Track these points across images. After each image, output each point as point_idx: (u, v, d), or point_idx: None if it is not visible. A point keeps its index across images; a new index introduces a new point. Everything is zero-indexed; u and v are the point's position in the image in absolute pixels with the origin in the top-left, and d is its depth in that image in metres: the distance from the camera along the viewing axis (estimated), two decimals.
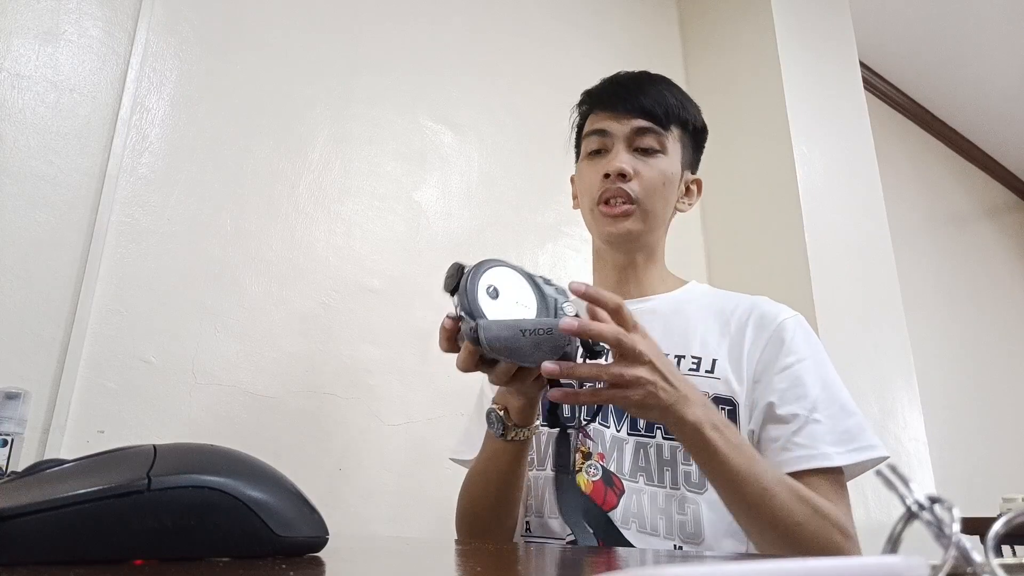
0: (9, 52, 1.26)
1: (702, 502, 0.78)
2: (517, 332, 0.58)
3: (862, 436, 0.79)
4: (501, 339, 0.57)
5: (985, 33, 3.09)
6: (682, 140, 0.95)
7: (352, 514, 1.41)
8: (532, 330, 0.59)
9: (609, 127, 0.91)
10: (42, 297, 1.20)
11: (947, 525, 0.17)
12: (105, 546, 0.31)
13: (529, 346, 0.58)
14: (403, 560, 0.42)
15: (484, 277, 0.60)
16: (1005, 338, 3.69)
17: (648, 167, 0.90)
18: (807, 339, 0.87)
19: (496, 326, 0.57)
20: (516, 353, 0.58)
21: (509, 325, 0.58)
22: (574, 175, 1.02)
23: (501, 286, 0.61)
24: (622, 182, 0.88)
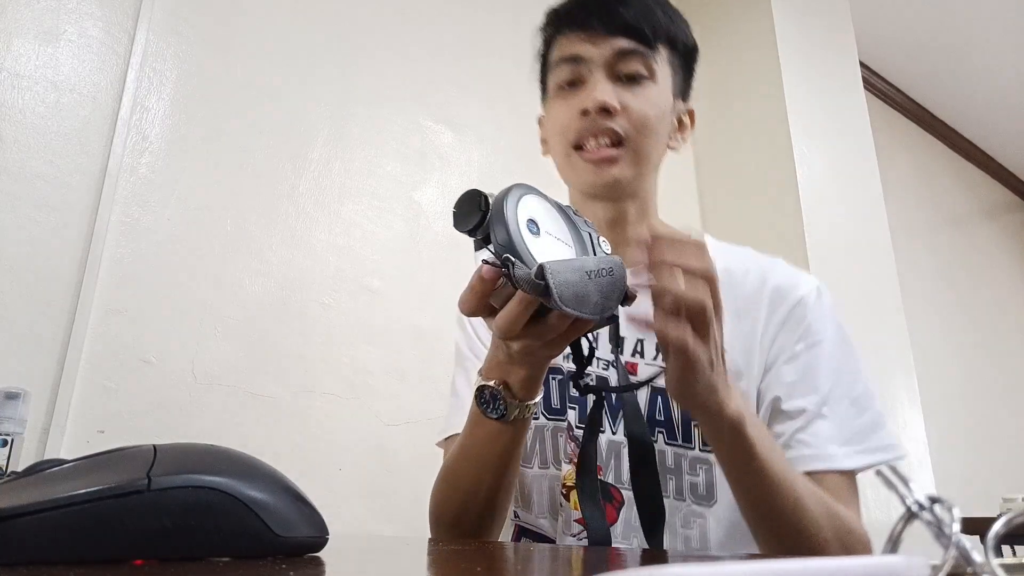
0: (9, 52, 1.26)
1: (709, 516, 0.69)
2: (584, 275, 0.46)
3: (875, 435, 0.69)
4: (572, 285, 0.45)
5: (985, 33, 3.09)
6: (672, 62, 0.77)
7: (352, 514, 1.41)
8: (596, 271, 0.47)
9: (584, 52, 0.74)
10: (42, 297, 1.20)
11: (947, 525, 0.17)
12: (105, 546, 0.31)
13: (596, 292, 0.47)
14: (403, 560, 0.42)
15: (522, 207, 0.47)
16: (1005, 338, 3.69)
17: (636, 98, 0.73)
18: (827, 317, 0.75)
19: (563, 268, 0.45)
20: (583, 302, 0.46)
21: (575, 267, 0.46)
22: (542, 115, 0.84)
23: (539, 219, 0.49)
24: (605, 119, 0.71)
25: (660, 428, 0.72)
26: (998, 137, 3.83)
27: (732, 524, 0.68)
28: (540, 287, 0.44)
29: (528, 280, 0.44)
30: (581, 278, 0.45)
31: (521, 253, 0.45)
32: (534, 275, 0.44)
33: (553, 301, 0.44)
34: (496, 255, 0.46)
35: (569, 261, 0.46)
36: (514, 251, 0.45)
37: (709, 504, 0.69)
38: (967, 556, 0.16)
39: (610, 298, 0.48)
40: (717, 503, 0.69)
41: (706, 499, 0.69)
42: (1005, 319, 3.77)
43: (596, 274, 0.47)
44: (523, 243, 0.45)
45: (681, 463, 0.71)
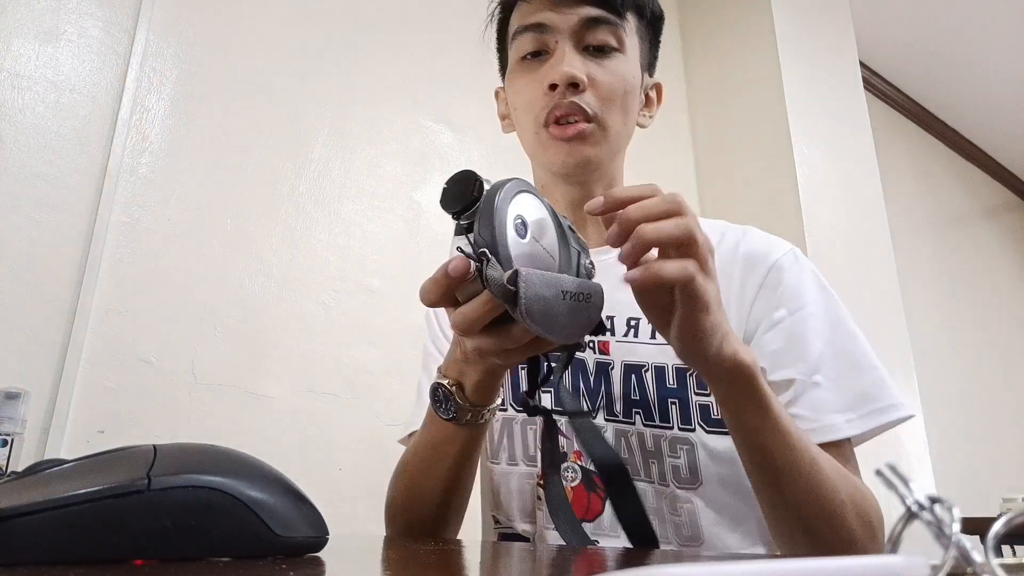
0: (9, 52, 1.26)
1: (696, 500, 0.65)
2: (558, 294, 0.42)
3: (880, 395, 0.63)
4: (542, 300, 0.41)
5: (985, 33, 3.09)
6: (639, 33, 0.72)
7: (352, 514, 1.41)
8: (574, 293, 0.43)
9: (548, 19, 0.68)
10: (42, 297, 1.20)
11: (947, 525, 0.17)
12: (105, 546, 0.31)
13: (567, 315, 0.43)
14: (403, 560, 0.42)
15: (514, 203, 0.43)
16: (1005, 338, 3.69)
17: (605, 71, 0.68)
18: (806, 280, 0.69)
19: (539, 281, 0.41)
20: (550, 321, 0.42)
21: (551, 282, 0.42)
22: (500, 88, 0.79)
23: (529, 220, 0.44)
24: (573, 94, 0.67)
25: (636, 408, 0.68)
26: (998, 137, 3.83)
27: (721, 506, 0.65)
28: (509, 293, 0.41)
29: (499, 283, 0.41)
30: (555, 295, 0.42)
31: (500, 252, 0.41)
32: (506, 279, 0.41)
33: (519, 312, 0.41)
34: (473, 247, 0.43)
35: (547, 275, 0.42)
36: (493, 248, 0.42)
37: (694, 487, 0.65)
38: (967, 556, 0.16)
39: (580, 325, 0.45)
40: (703, 485, 0.65)
41: (690, 482, 0.65)
42: (1005, 319, 3.77)
43: (573, 296, 0.43)
44: (505, 242, 0.42)
45: (661, 445, 0.66)
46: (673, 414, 0.67)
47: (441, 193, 0.45)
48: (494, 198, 0.43)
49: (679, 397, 0.67)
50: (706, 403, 0.67)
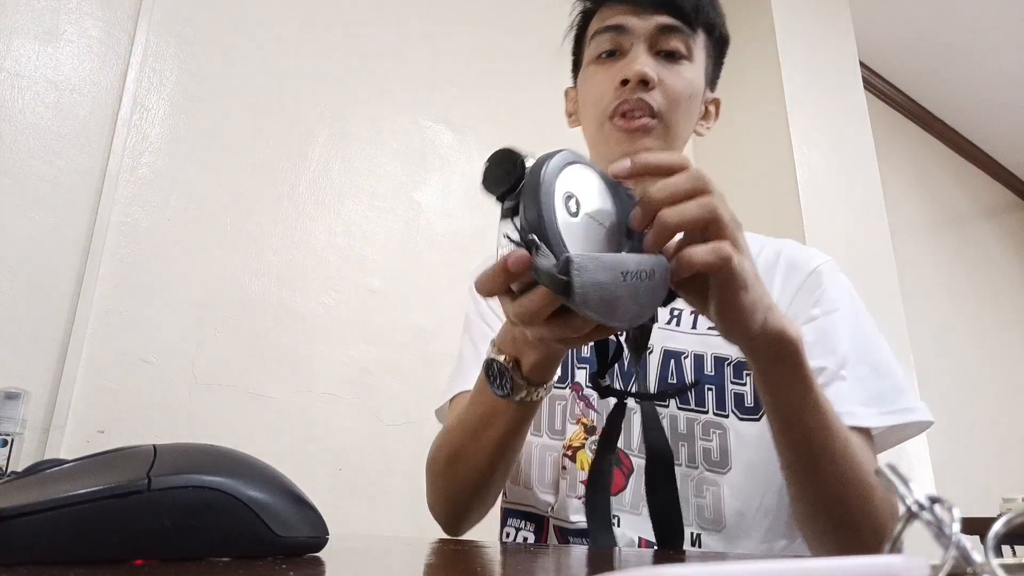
0: (9, 52, 1.26)
1: (723, 484, 0.66)
2: (617, 276, 0.38)
3: (898, 399, 0.65)
4: (601, 287, 0.38)
5: (985, 33, 3.09)
6: (707, 49, 0.78)
7: (352, 514, 1.41)
8: (635, 272, 0.39)
9: (627, 22, 0.73)
10: (42, 297, 1.20)
11: (947, 525, 0.17)
12: (105, 546, 0.31)
13: (629, 298, 0.39)
14: (403, 560, 0.42)
15: (562, 179, 0.40)
16: (1005, 337, 3.69)
17: (673, 75, 0.72)
18: (843, 288, 0.74)
19: (594, 265, 0.37)
20: (611, 307, 0.39)
21: (608, 265, 0.38)
22: (570, 88, 0.84)
23: (582, 196, 0.40)
24: (643, 91, 0.70)
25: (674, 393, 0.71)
26: (998, 137, 3.83)
27: (747, 493, 0.66)
28: (562, 284, 0.37)
29: (549, 274, 0.37)
30: (614, 279, 0.38)
31: (550, 237, 0.38)
32: (558, 269, 0.37)
33: (575, 303, 0.37)
34: (520, 233, 0.39)
35: (603, 257, 0.38)
36: (542, 233, 0.38)
37: (723, 471, 0.67)
38: (967, 556, 0.16)
39: (645, 306, 0.41)
40: (731, 470, 0.67)
41: (720, 465, 0.67)
42: (1005, 319, 3.77)
43: (634, 276, 0.39)
44: (555, 225, 0.38)
45: (694, 428, 0.69)
46: (709, 399, 0.69)
47: (482, 174, 0.41)
48: (539, 175, 0.39)
49: (716, 384, 0.70)
50: (741, 392, 0.70)
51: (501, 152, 0.40)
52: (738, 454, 0.68)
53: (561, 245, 0.38)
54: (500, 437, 0.60)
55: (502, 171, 0.40)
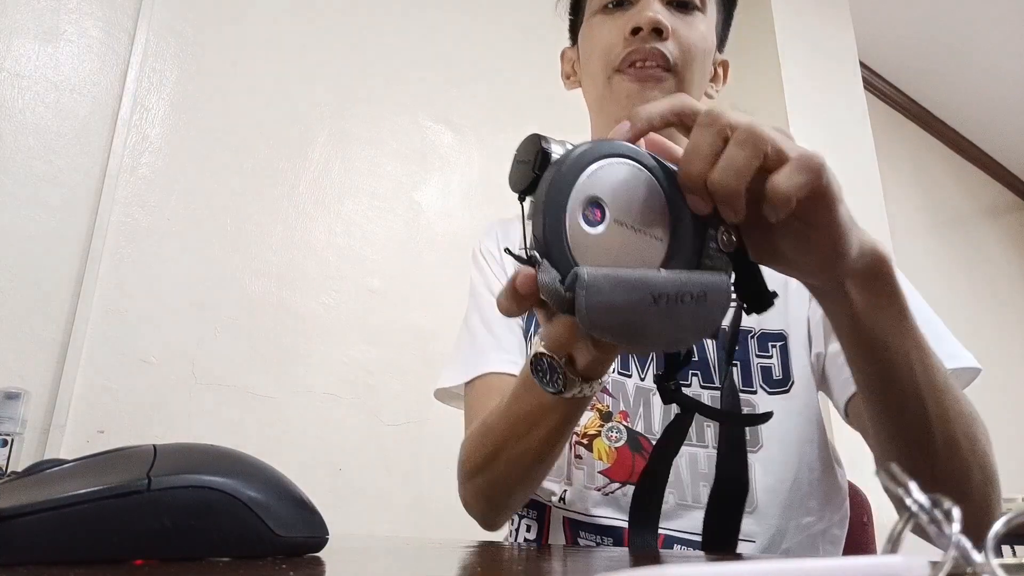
0: (9, 52, 1.26)
1: (755, 463, 0.62)
2: (645, 297, 0.32)
3: (940, 346, 0.57)
4: (616, 310, 0.32)
5: (985, 33, 3.09)
6: (717, 4, 0.73)
7: (352, 514, 1.41)
8: (675, 295, 0.33)
9: None
10: (42, 297, 1.20)
11: (947, 525, 0.17)
12: (105, 546, 0.31)
13: (659, 322, 0.33)
14: (403, 560, 0.42)
15: (586, 178, 0.33)
16: (1005, 337, 3.69)
17: (687, 26, 0.66)
18: None
19: (608, 284, 0.32)
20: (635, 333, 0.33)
21: (629, 284, 0.32)
22: (568, 48, 0.78)
23: (613, 199, 0.34)
24: (656, 40, 0.64)
25: (694, 371, 0.66)
26: (998, 137, 3.83)
27: (779, 470, 0.63)
28: (565, 302, 0.32)
29: (552, 290, 0.32)
30: (638, 300, 0.32)
31: (552, 252, 0.32)
32: (564, 285, 0.32)
33: (583, 325, 0.32)
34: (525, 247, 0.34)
35: (622, 275, 0.32)
36: (544, 246, 0.32)
37: (755, 449, 0.63)
38: (967, 556, 0.16)
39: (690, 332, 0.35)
40: (763, 447, 0.63)
41: (751, 444, 0.62)
42: (1005, 319, 3.77)
43: (671, 300, 0.33)
44: (560, 238, 0.32)
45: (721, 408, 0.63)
46: (735, 376, 0.65)
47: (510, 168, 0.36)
48: (552, 178, 0.33)
49: (741, 360, 0.66)
50: (768, 365, 0.66)
51: (528, 140, 0.35)
52: (770, 431, 0.64)
53: (568, 259, 0.32)
54: (549, 435, 0.55)
55: (523, 166, 0.35)
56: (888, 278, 0.43)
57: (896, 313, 0.44)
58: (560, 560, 0.44)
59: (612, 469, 0.66)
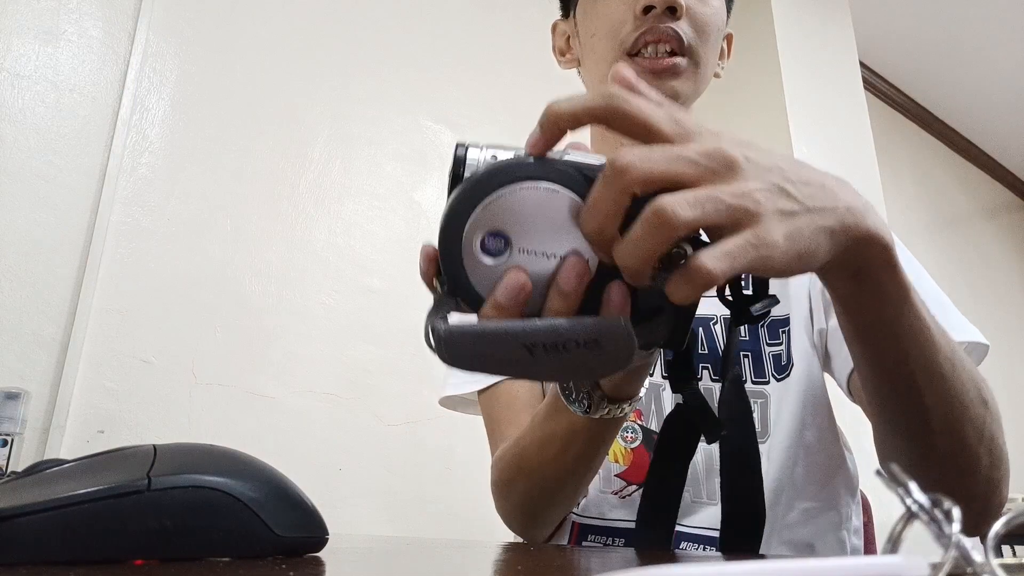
0: (9, 52, 1.26)
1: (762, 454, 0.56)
2: (518, 348, 0.30)
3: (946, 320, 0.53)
4: (481, 359, 0.31)
5: (985, 33, 3.09)
6: None
7: (352, 514, 1.41)
8: (551, 344, 0.30)
9: None
10: (42, 297, 1.20)
11: (947, 525, 0.17)
12: (105, 546, 0.31)
13: (540, 365, 0.31)
14: (403, 560, 0.42)
15: (479, 213, 0.30)
16: (1005, 337, 3.69)
17: (702, 3, 0.62)
18: None
19: (471, 339, 0.30)
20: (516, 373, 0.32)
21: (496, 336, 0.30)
22: (559, 20, 0.72)
23: (515, 226, 0.30)
24: (670, 19, 0.59)
25: (704, 364, 0.62)
26: (998, 137, 3.83)
27: (785, 458, 0.61)
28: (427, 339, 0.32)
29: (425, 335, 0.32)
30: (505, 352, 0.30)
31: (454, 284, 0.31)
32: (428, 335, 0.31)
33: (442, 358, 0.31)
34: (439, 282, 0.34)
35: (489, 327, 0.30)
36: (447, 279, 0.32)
37: (763, 440, 0.61)
38: (967, 556, 0.16)
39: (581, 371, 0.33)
40: (770, 437, 0.61)
41: (759, 436, 0.60)
42: (1005, 319, 3.77)
43: (549, 348, 0.29)
44: (460, 270, 0.31)
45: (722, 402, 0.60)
46: (745, 368, 0.63)
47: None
48: (448, 208, 0.31)
49: (752, 350, 0.63)
50: (778, 352, 0.64)
51: (455, 152, 0.32)
52: (778, 419, 0.62)
53: (469, 290, 0.31)
54: (582, 455, 0.52)
55: (450, 180, 0.32)
56: (883, 266, 0.38)
57: (893, 301, 0.40)
58: (560, 560, 0.44)
59: (629, 471, 0.64)
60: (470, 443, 1.55)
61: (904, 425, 0.46)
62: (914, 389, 0.43)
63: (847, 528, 0.64)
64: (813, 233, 0.32)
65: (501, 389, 0.68)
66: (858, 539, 0.65)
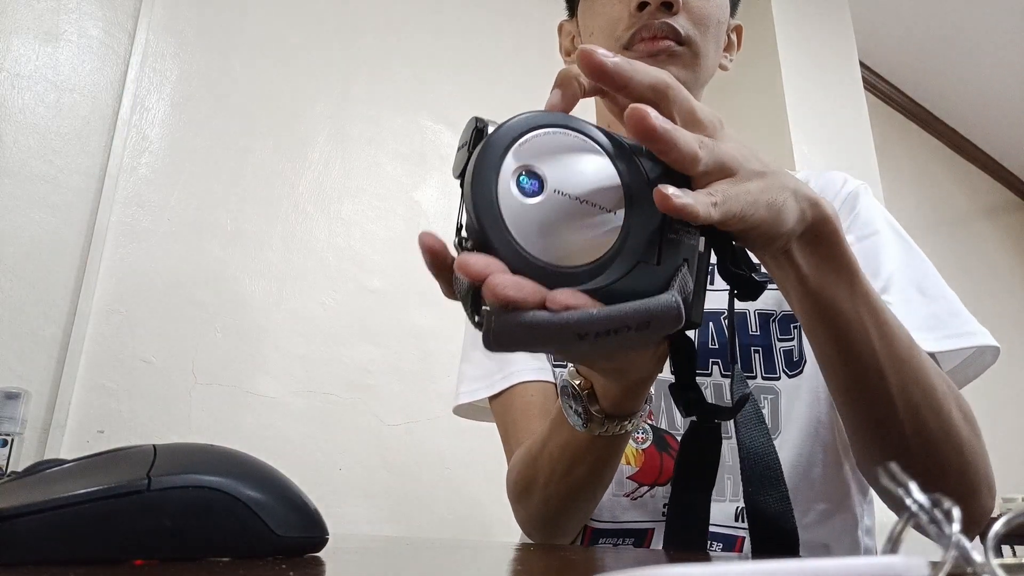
0: (9, 52, 1.26)
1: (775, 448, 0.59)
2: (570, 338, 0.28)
3: (952, 322, 0.56)
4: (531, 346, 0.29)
5: (985, 33, 3.09)
6: None
7: (352, 514, 1.41)
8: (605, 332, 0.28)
9: None
10: (42, 297, 1.20)
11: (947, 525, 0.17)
12: (105, 546, 0.31)
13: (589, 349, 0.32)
14: (403, 560, 0.42)
15: (516, 149, 0.30)
16: (1005, 337, 3.69)
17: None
18: (879, 210, 0.66)
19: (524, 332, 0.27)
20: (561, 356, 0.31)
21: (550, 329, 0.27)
22: (565, 21, 0.72)
23: (549, 165, 0.30)
24: (665, 14, 0.59)
25: (714, 359, 0.62)
26: (998, 137, 3.83)
27: (796, 456, 0.60)
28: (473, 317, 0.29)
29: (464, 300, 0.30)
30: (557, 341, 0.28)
31: (484, 223, 0.28)
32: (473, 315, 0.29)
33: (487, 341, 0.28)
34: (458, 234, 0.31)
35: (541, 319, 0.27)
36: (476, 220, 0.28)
37: (774, 436, 0.60)
38: (967, 556, 0.16)
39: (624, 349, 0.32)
40: (781, 434, 0.60)
41: (771, 432, 0.59)
42: (1005, 319, 3.77)
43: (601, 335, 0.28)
44: (494, 206, 0.28)
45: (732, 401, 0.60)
46: (756, 363, 0.62)
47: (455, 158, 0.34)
48: (481, 149, 0.30)
49: (763, 345, 0.63)
50: (790, 348, 0.63)
51: (467, 124, 0.32)
52: (787, 416, 0.61)
53: (501, 231, 0.28)
54: (591, 471, 0.51)
55: (463, 150, 0.32)
56: (833, 237, 0.38)
57: (846, 276, 0.40)
58: (561, 560, 0.44)
59: (641, 472, 0.63)
60: (470, 443, 1.55)
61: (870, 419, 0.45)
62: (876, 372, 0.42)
63: (861, 529, 0.63)
64: (779, 190, 0.34)
65: (515, 395, 0.67)
66: (871, 540, 0.64)
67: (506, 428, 0.68)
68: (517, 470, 0.60)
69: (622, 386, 0.42)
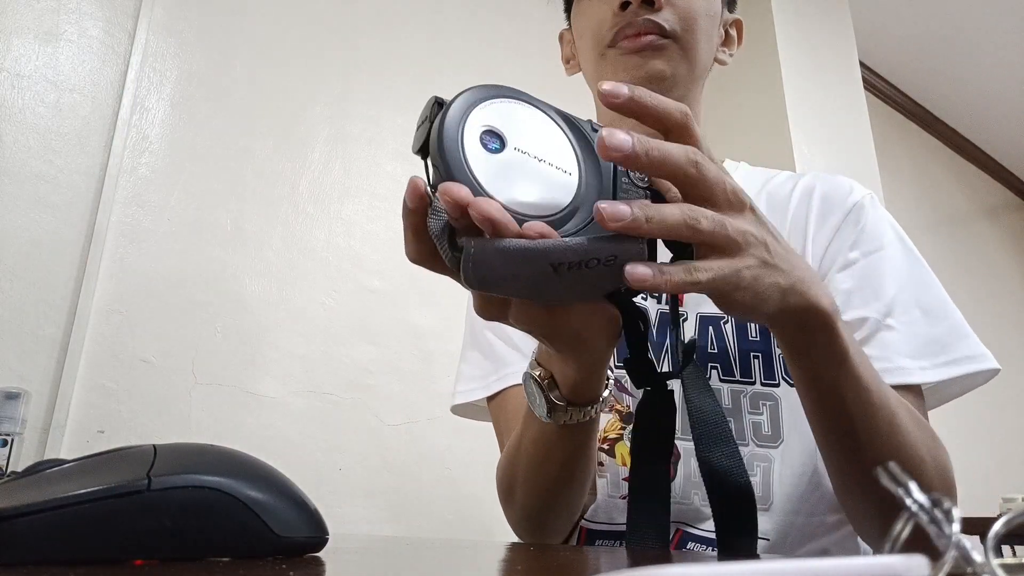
0: (9, 52, 1.26)
1: (775, 458, 0.59)
2: (545, 268, 0.30)
3: (956, 345, 0.58)
4: (506, 279, 0.31)
5: (985, 33, 3.09)
6: None
7: (352, 514, 1.41)
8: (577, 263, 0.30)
9: None
10: (42, 297, 1.20)
11: (947, 525, 0.17)
12: (105, 546, 0.31)
13: (559, 285, 0.32)
14: (403, 560, 0.42)
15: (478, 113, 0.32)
16: (1004, 337, 3.69)
17: None
18: (886, 223, 0.65)
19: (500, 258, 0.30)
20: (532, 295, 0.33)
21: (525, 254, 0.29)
22: (565, 30, 0.74)
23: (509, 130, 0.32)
24: (648, 11, 0.60)
25: (713, 363, 0.62)
26: (998, 137, 3.83)
27: (800, 464, 0.60)
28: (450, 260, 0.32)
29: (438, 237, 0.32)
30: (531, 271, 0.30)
31: (452, 168, 0.31)
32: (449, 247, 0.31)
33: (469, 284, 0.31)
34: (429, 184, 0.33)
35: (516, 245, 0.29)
36: (445, 167, 0.31)
37: (775, 444, 0.60)
38: (967, 556, 0.16)
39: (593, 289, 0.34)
40: (784, 442, 0.60)
41: (771, 440, 0.60)
42: (1005, 319, 3.77)
43: (573, 266, 0.31)
44: (460, 155, 0.31)
45: (740, 402, 0.60)
46: (756, 368, 0.62)
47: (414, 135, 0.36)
48: (444, 114, 0.33)
49: (762, 351, 0.62)
50: None
51: (429, 101, 0.35)
52: (790, 424, 0.61)
53: (468, 176, 0.31)
54: (566, 461, 0.51)
55: (423, 125, 0.35)
56: (826, 328, 0.41)
57: (836, 360, 0.43)
58: (560, 560, 0.44)
59: None
60: (470, 443, 1.55)
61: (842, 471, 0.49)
62: (855, 442, 0.46)
63: None
64: (769, 286, 0.37)
65: (509, 396, 0.67)
66: None
67: (500, 429, 0.69)
68: (501, 470, 0.61)
69: (579, 369, 0.43)
